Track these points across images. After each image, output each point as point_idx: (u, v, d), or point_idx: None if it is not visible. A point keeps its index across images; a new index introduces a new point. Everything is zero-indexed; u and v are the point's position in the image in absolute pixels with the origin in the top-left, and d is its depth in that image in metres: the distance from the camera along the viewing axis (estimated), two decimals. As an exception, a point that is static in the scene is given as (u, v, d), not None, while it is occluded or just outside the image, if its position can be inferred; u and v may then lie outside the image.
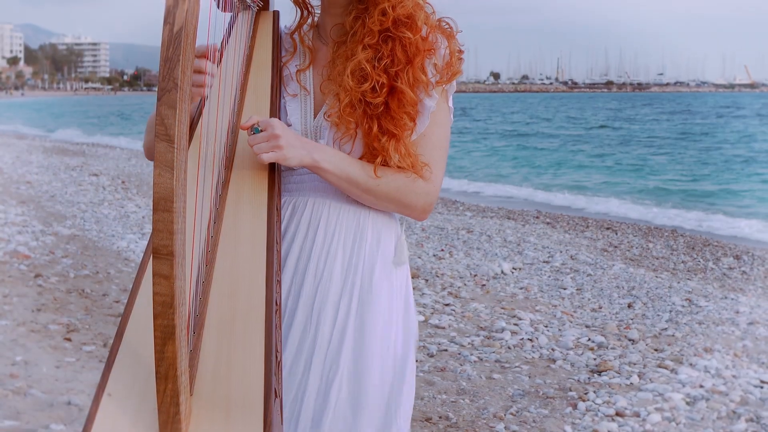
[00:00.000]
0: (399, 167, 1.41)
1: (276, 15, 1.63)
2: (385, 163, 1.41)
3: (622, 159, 19.73)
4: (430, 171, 1.42)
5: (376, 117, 1.39)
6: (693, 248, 7.71)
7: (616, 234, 8.46)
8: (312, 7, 1.53)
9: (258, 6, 1.61)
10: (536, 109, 55.02)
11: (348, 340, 1.41)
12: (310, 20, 1.53)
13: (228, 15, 1.54)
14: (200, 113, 1.38)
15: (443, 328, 4.52)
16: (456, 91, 1.48)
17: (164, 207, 0.83)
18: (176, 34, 0.83)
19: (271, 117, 1.42)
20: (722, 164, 18.08)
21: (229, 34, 1.51)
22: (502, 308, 4.99)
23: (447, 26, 1.45)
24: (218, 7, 1.42)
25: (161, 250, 0.83)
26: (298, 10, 1.53)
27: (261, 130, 1.34)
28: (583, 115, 44.39)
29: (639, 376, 3.78)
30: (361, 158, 1.42)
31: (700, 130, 29.67)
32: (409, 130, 1.40)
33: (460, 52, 1.45)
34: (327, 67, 1.47)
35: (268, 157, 1.33)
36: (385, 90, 1.39)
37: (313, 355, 1.40)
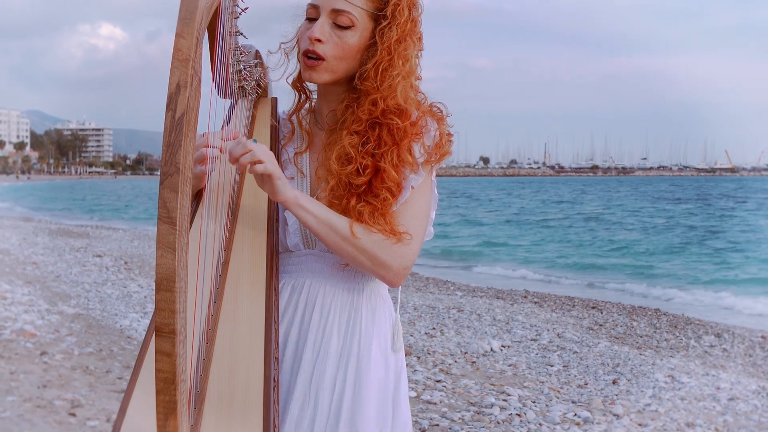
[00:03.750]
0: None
1: (274, 101, 1.65)
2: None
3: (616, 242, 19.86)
4: (410, 237, 1.41)
5: (357, 194, 1.41)
6: (675, 326, 7.78)
7: (602, 313, 8.53)
8: (310, 91, 1.54)
9: (257, 93, 1.64)
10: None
11: (345, 412, 1.43)
12: (308, 105, 1.55)
13: (228, 101, 1.56)
14: (201, 196, 1.40)
15: (435, 403, 4.57)
16: (447, 175, 1.61)
17: (166, 287, 0.85)
18: (178, 120, 0.86)
19: (269, 199, 1.44)
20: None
21: (228, 119, 1.54)
22: (492, 384, 5.05)
23: (438, 110, 1.47)
24: (218, 93, 1.43)
25: (163, 329, 0.86)
26: (296, 93, 1.54)
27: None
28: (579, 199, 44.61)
29: (623, 449, 3.90)
30: None
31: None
32: (389, 204, 1.40)
33: (450, 135, 1.46)
34: (321, 153, 1.49)
35: (263, 168, 1.31)
36: (369, 171, 1.41)
37: (314, 427, 1.42)
